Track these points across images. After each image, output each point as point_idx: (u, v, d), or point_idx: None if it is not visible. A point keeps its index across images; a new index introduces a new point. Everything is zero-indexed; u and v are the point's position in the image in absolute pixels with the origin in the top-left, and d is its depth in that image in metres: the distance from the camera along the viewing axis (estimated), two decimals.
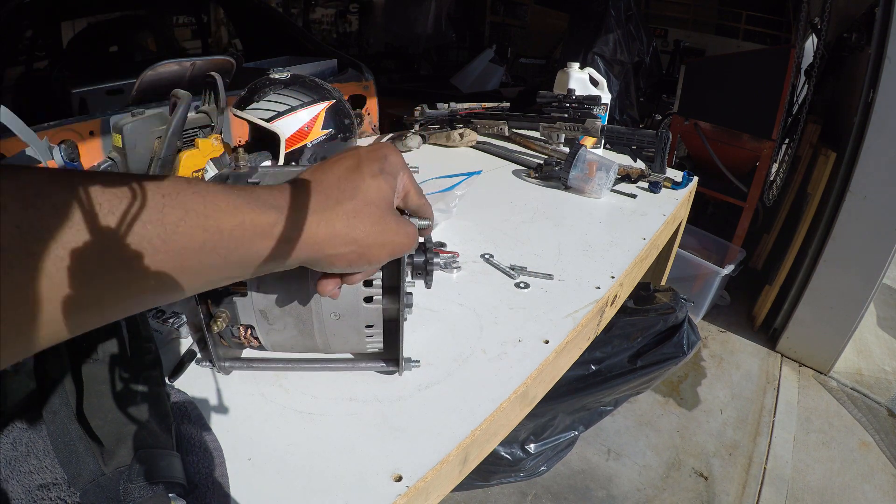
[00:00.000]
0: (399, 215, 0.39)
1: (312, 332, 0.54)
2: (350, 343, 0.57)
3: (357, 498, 0.47)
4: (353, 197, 0.36)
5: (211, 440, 0.51)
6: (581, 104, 1.29)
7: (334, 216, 0.34)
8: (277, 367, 0.60)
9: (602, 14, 3.18)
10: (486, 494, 1.52)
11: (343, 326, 0.54)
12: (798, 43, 2.36)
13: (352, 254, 0.36)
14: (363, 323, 0.54)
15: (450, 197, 0.98)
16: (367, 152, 0.39)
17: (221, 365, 0.58)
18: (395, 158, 0.40)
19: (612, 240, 0.97)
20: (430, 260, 0.57)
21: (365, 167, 0.37)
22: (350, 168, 0.37)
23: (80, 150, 0.72)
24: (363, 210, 0.36)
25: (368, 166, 0.38)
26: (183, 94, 0.92)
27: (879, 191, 1.80)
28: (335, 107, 1.06)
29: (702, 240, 2.41)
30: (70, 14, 2.73)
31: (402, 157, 0.41)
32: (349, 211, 0.35)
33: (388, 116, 2.84)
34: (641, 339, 1.31)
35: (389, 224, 0.37)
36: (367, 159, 0.38)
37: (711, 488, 1.62)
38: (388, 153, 0.40)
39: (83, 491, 0.44)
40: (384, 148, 0.40)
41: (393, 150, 0.41)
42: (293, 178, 0.36)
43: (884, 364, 2.17)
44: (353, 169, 0.37)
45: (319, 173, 0.37)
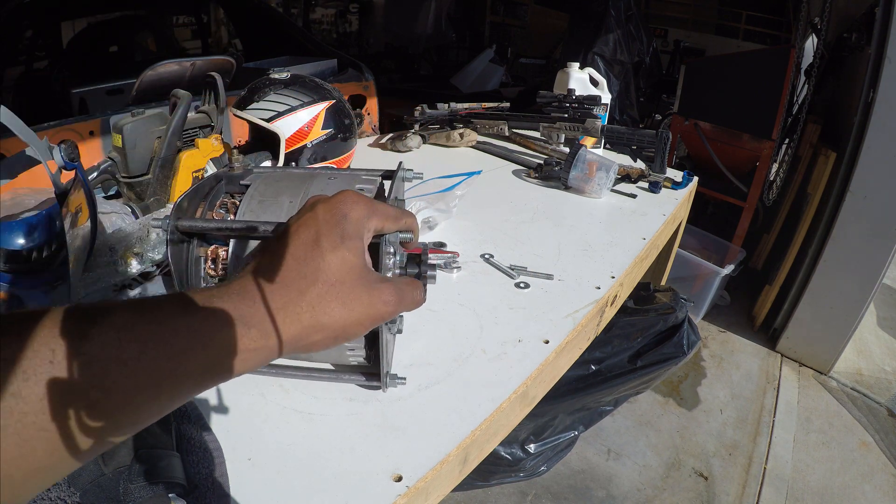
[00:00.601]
0: (375, 281, 0.35)
1: None
2: (332, 355, 0.56)
3: (357, 498, 0.47)
4: (315, 281, 0.33)
5: (211, 440, 0.51)
6: (581, 104, 1.29)
7: (299, 309, 0.32)
8: (263, 372, 0.59)
9: (602, 14, 3.18)
10: (486, 494, 1.52)
11: None
12: (798, 43, 2.36)
13: (326, 339, 0.33)
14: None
15: (450, 197, 0.98)
16: (324, 216, 0.35)
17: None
18: (356, 214, 0.36)
19: (612, 240, 0.97)
20: (425, 273, 0.53)
21: (323, 240, 0.34)
22: (307, 244, 0.34)
23: (80, 149, 0.72)
24: (328, 293, 0.33)
25: (327, 238, 0.34)
26: (183, 94, 0.92)
27: (879, 191, 1.80)
28: (335, 107, 1.06)
29: (702, 240, 2.41)
30: (70, 14, 2.73)
31: (364, 203, 0.37)
32: (313, 299, 0.32)
33: (388, 116, 2.84)
34: (641, 339, 1.31)
35: (361, 299, 0.34)
36: (324, 229, 0.34)
37: (711, 488, 1.61)
38: (348, 210, 0.36)
39: (83, 491, 0.44)
40: (342, 204, 0.36)
41: (352, 203, 0.36)
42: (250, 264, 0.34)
43: (884, 364, 2.17)
44: (310, 245, 0.34)
45: (276, 258, 0.33)
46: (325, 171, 0.62)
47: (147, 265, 0.77)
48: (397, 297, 0.36)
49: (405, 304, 0.37)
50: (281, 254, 0.34)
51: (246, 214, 0.55)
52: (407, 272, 0.53)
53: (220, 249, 0.55)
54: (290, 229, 0.35)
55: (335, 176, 0.59)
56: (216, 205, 0.58)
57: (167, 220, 0.51)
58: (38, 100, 2.45)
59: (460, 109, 1.50)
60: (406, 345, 0.66)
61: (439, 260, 0.84)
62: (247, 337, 0.30)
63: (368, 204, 0.37)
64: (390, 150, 1.40)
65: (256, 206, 0.55)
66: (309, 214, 0.36)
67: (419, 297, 0.39)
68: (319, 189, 0.56)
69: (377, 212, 0.38)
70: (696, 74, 2.67)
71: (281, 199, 0.55)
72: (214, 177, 0.61)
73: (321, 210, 0.36)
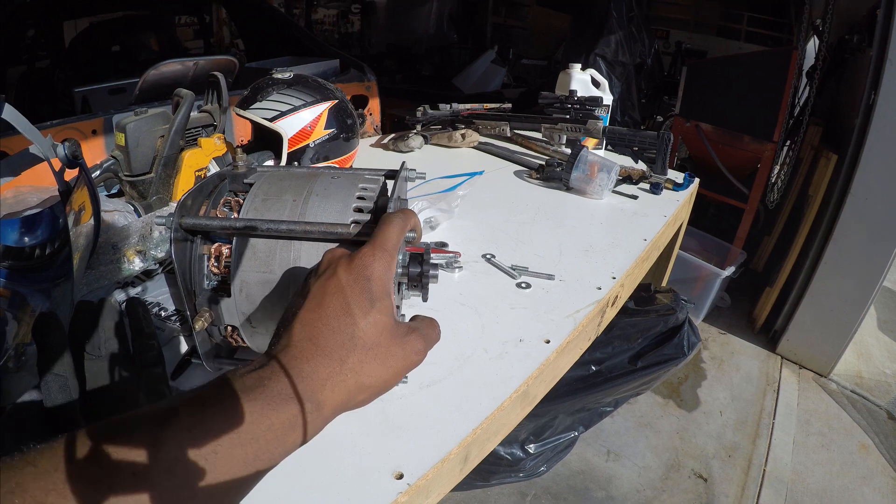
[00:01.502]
0: (404, 334, 0.37)
1: None
2: None
3: (358, 495, 0.47)
4: (354, 348, 0.34)
5: None
6: (583, 105, 1.29)
7: (343, 377, 0.34)
8: None
9: (604, 15, 3.18)
10: (486, 494, 1.52)
11: None
12: (800, 45, 2.36)
13: (370, 397, 0.36)
14: None
15: (452, 197, 0.99)
16: (347, 281, 0.36)
17: (208, 362, 0.58)
18: (379, 272, 0.37)
19: (613, 241, 0.97)
20: (426, 272, 0.52)
21: (354, 308, 0.35)
22: (339, 314, 0.35)
23: (83, 148, 0.72)
24: (367, 357, 0.34)
25: (357, 305, 0.35)
26: (186, 93, 0.92)
27: (880, 193, 1.80)
28: (337, 107, 1.06)
29: (703, 241, 2.41)
30: (72, 13, 2.73)
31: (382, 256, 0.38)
32: (355, 365, 0.34)
33: (390, 117, 2.85)
34: (642, 339, 1.32)
35: (396, 355, 0.36)
36: (352, 296, 0.35)
37: (711, 490, 1.61)
38: (371, 272, 0.36)
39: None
40: (363, 268, 0.37)
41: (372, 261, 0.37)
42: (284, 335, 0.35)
43: (884, 367, 2.17)
44: (342, 314, 0.35)
45: (312, 330, 0.35)
46: (329, 170, 0.62)
47: (150, 263, 0.77)
48: (425, 343, 0.38)
49: (431, 345, 0.39)
50: (315, 325, 0.35)
51: (249, 213, 0.55)
52: (409, 271, 0.53)
53: (224, 247, 0.55)
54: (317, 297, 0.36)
55: (338, 175, 0.59)
56: (220, 203, 0.59)
57: (171, 218, 0.51)
58: (41, 99, 2.46)
59: (462, 110, 1.50)
60: None
61: (441, 260, 0.85)
62: (303, 412, 0.32)
63: (384, 253, 0.38)
64: (392, 150, 1.41)
65: (260, 204, 0.55)
66: (332, 281, 0.36)
67: (438, 334, 0.41)
68: (324, 188, 0.56)
69: (392, 251, 0.39)
70: (698, 76, 2.67)
71: (284, 197, 0.55)
72: (218, 175, 0.61)
73: (343, 275, 0.36)
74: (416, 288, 0.54)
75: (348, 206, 0.53)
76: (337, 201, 0.54)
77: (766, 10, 4.30)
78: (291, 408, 0.31)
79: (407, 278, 0.53)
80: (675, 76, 3.93)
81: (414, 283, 0.54)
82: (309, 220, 0.52)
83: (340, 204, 0.54)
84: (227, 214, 0.58)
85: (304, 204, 0.54)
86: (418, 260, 0.53)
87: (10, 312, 0.62)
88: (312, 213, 0.53)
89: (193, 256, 0.55)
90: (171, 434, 0.27)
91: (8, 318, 0.61)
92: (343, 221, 0.51)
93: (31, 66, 2.60)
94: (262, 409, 0.30)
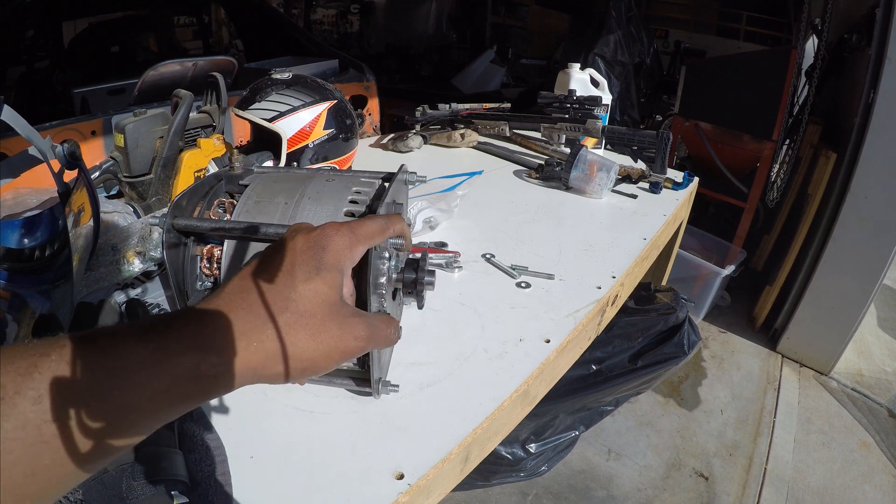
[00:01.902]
0: (348, 314, 0.35)
1: None
2: None
3: (359, 495, 0.47)
4: (284, 310, 0.32)
5: (213, 438, 0.51)
6: (582, 105, 1.29)
7: (264, 337, 0.31)
8: None
9: (603, 15, 3.18)
10: (487, 494, 1.52)
11: None
12: (799, 44, 2.36)
13: (294, 371, 0.32)
14: None
15: (451, 197, 0.99)
16: (302, 246, 0.35)
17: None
18: (336, 245, 0.35)
19: (612, 240, 0.97)
20: (422, 279, 0.51)
21: (298, 270, 0.33)
22: (280, 272, 0.33)
23: (82, 149, 0.72)
24: (297, 323, 0.32)
25: (302, 268, 0.33)
26: (185, 93, 0.92)
27: (880, 192, 1.80)
28: (337, 107, 1.06)
29: (702, 240, 2.41)
30: (72, 14, 2.73)
31: (346, 234, 0.36)
32: (281, 327, 0.31)
33: (390, 117, 2.85)
34: (642, 339, 1.31)
35: (331, 332, 0.33)
36: (300, 259, 0.34)
37: (712, 489, 1.61)
38: (327, 242, 0.35)
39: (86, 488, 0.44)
40: (322, 236, 0.35)
41: (333, 235, 0.36)
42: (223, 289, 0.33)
43: (884, 365, 2.17)
44: (284, 273, 0.33)
45: (246, 283, 0.33)
46: (325, 172, 0.62)
47: (149, 264, 0.77)
48: (369, 333, 0.35)
49: (377, 341, 0.36)
50: (252, 279, 0.33)
51: (241, 215, 0.54)
52: (404, 277, 0.52)
53: (216, 249, 0.55)
54: (268, 255, 0.35)
55: (333, 178, 0.59)
56: (214, 204, 0.58)
57: (164, 218, 0.51)
58: (40, 99, 2.46)
59: (461, 110, 1.50)
60: (408, 344, 0.66)
61: (441, 259, 0.85)
62: (205, 363, 0.28)
63: (350, 233, 0.36)
64: (391, 150, 1.41)
65: (252, 206, 0.55)
66: (288, 244, 0.35)
67: (392, 335, 0.38)
68: (316, 191, 0.55)
69: (361, 238, 0.37)
70: (697, 75, 2.67)
71: (277, 200, 0.55)
72: (215, 176, 0.61)
73: (300, 240, 0.35)
74: (410, 294, 0.53)
75: (339, 209, 0.53)
76: (328, 204, 0.54)
77: (765, 9, 4.30)
78: (189, 357, 0.28)
79: (402, 283, 0.52)
80: (675, 75, 3.93)
81: (409, 289, 0.52)
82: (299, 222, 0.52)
83: (332, 207, 0.53)
84: (220, 216, 0.57)
85: (295, 207, 0.54)
86: (414, 266, 0.52)
87: (10, 314, 0.62)
88: (303, 216, 0.53)
89: (186, 257, 0.55)
90: (47, 365, 0.25)
91: (8, 319, 0.61)
92: None
93: (31, 66, 2.60)
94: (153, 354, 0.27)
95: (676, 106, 2.79)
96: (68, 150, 0.69)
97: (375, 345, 0.36)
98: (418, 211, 0.94)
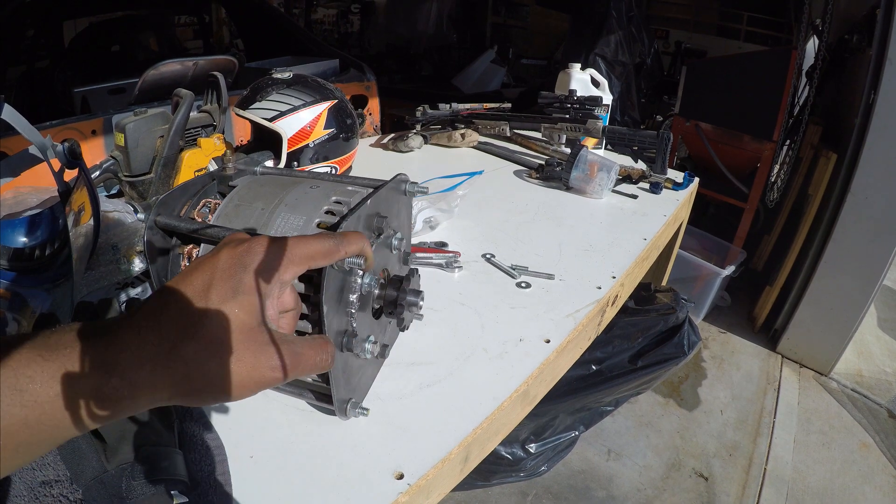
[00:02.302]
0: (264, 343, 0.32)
1: None
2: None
3: (359, 495, 0.47)
4: (194, 335, 0.29)
5: (213, 438, 0.51)
6: (582, 105, 1.29)
7: (170, 363, 0.29)
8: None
9: (603, 15, 3.18)
10: (487, 494, 1.52)
11: None
12: (799, 44, 2.36)
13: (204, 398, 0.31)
14: None
15: (451, 197, 0.99)
16: (224, 264, 0.32)
17: None
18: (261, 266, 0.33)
19: (613, 240, 0.97)
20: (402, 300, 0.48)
21: (213, 292, 0.31)
22: (196, 293, 0.31)
23: (83, 148, 0.72)
24: (206, 351, 0.29)
25: (218, 290, 0.31)
26: (185, 93, 0.92)
27: (880, 192, 1.80)
28: (337, 107, 1.06)
29: (702, 241, 2.41)
30: (72, 13, 2.73)
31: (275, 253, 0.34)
32: (188, 354, 0.29)
33: (390, 117, 2.85)
34: (642, 339, 1.31)
35: (244, 361, 0.30)
36: (218, 279, 0.31)
37: (712, 489, 1.61)
38: (250, 261, 0.32)
39: (86, 488, 0.44)
40: (246, 254, 0.33)
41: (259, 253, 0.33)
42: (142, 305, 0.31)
43: (884, 365, 2.17)
44: (199, 294, 0.31)
45: (161, 302, 0.31)
46: (312, 178, 0.60)
47: None
48: (290, 363, 0.32)
49: (301, 370, 0.33)
50: (166, 298, 0.31)
51: (220, 218, 0.53)
52: (386, 293, 0.50)
53: (195, 250, 0.54)
54: (189, 271, 0.32)
55: (318, 185, 0.57)
56: (200, 204, 0.58)
57: (148, 215, 0.51)
58: (40, 99, 2.46)
59: (462, 110, 1.50)
60: (408, 344, 0.66)
61: (441, 259, 0.85)
62: (107, 386, 0.27)
63: (280, 253, 0.34)
64: (392, 150, 1.41)
65: (232, 210, 0.54)
66: (212, 259, 0.33)
67: (324, 361, 0.35)
68: (295, 198, 0.54)
69: (296, 259, 0.34)
70: (698, 76, 2.67)
71: (255, 205, 0.54)
72: (209, 175, 0.60)
73: (224, 256, 0.33)
74: (391, 315, 0.51)
75: (312, 220, 0.51)
76: (302, 214, 0.52)
77: (765, 9, 4.30)
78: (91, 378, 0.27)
79: (383, 301, 0.51)
80: (675, 76, 3.93)
81: (389, 308, 0.50)
82: (270, 231, 0.50)
83: (305, 217, 0.52)
84: (204, 216, 0.57)
85: (270, 214, 0.52)
86: (395, 284, 0.50)
87: (11, 313, 0.62)
88: (275, 224, 0.51)
89: (171, 256, 0.55)
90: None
91: (8, 318, 0.61)
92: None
93: (31, 66, 2.60)
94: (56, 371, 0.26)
95: (677, 106, 2.79)
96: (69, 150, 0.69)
97: (300, 373, 0.33)
98: (418, 211, 0.94)
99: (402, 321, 0.53)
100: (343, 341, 0.48)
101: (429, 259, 0.85)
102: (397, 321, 0.52)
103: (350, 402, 0.51)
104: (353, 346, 0.48)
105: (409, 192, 0.59)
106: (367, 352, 0.49)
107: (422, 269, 0.63)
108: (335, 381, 0.48)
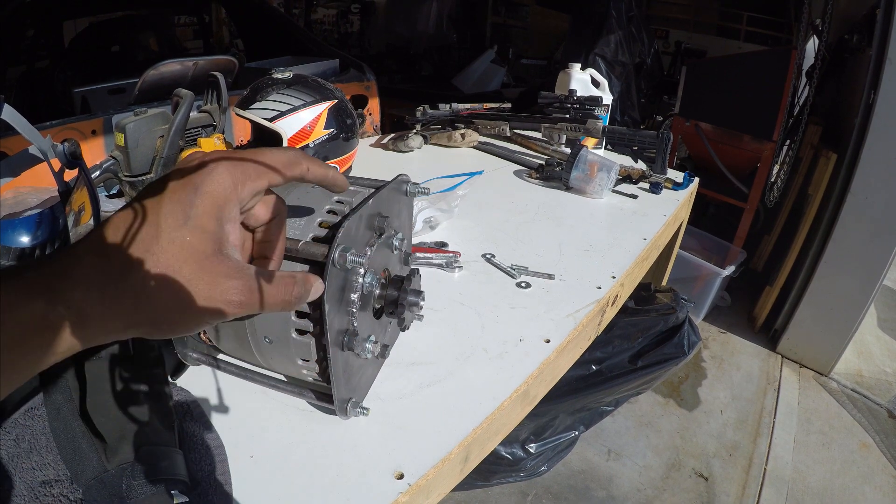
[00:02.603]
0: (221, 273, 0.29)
1: (251, 349, 0.51)
2: (289, 369, 0.52)
3: (359, 495, 0.47)
4: (142, 264, 0.27)
5: (213, 438, 0.51)
6: (582, 105, 1.29)
7: (119, 292, 0.27)
8: (234, 372, 0.57)
9: (603, 15, 3.18)
10: (487, 494, 1.52)
11: (276, 352, 0.50)
12: (799, 44, 2.36)
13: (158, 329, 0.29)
14: (295, 355, 0.49)
15: (451, 197, 0.99)
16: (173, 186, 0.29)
17: (189, 355, 0.57)
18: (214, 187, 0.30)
19: (613, 240, 0.97)
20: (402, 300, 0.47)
21: (164, 217, 0.28)
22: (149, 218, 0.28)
23: (83, 148, 0.72)
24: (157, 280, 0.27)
25: (169, 216, 0.28)
26: (185, 93, 0.92)
27: (880, 192, 1.80)
28: (337, 107, 1.06)
29: (702, 241, 2.41)
30: (72, 13, 2.73)
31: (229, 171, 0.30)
32: (138, 283, 0.27)
33: (390, 117, 2.85)
34: (642, 339, 1.31)
35: (199, 291, 0.28)
36: (168, 204, 0.29)
37: (712, 489, 1.61)
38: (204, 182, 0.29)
39: (86, 487, 0.44)
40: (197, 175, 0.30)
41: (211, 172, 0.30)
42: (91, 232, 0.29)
43: (884, 365, 2.17)
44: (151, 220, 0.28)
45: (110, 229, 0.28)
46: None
47: None
48: (249, 298, 0.30)
49: (266, 305, 0.31)
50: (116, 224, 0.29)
51: None
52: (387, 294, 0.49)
53: None
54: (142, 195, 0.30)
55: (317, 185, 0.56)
56: None
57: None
58: (40, 99, 2.46)
59: (462, 110, 1.50)
60: (408, 344, 0.66)
61: (441, 259, 0.85)
62: (53, 313, 0.25)
63: (234, 171, 0.31)
64: (392, 150, 1.41)
65: None
66: (160, 182, 0.30)
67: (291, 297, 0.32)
68: (297, 198, 0.53)
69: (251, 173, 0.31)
70: (698, 76, 2.67)
71: None
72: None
73: (173, 178, 0.30)
74: (392, 314, 0.50)
75: (313, 219, 0.51)
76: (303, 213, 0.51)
77: (765, 9, 4.30)
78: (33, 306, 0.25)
79: (384, 301, 0.50)
80: (675, 76, 3.93)
81: (390, 308, 0.50)
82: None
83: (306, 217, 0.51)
84: None
85: None
86: (397, 283, 0.49)
87: None
88: None
89: None
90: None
91: None
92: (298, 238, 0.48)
93: (31, 66, 2.60)
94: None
95: (677, 106, 2.79)
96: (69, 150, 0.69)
97: (262, 308, 0.31)
98: (419, 211, 0.94)
99: (403, 321, 0.53)
100: (344, 340, 0.48)
101: (429, 259, 0.85)
102: (398, 321, 0.52)
103: (350, 401, 0.51)
104: (354, 346, 0.48)
105: (411, 193, 0.59)
106: (368, 351, 0.49)
107: (422, 269, 0.63)
108: (336, 381, 0.48)
